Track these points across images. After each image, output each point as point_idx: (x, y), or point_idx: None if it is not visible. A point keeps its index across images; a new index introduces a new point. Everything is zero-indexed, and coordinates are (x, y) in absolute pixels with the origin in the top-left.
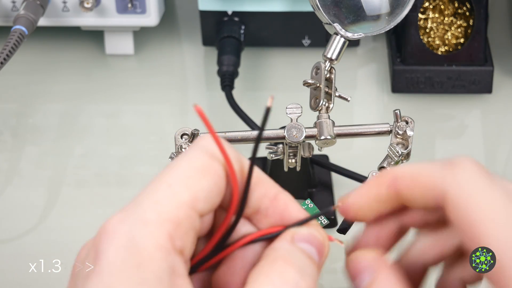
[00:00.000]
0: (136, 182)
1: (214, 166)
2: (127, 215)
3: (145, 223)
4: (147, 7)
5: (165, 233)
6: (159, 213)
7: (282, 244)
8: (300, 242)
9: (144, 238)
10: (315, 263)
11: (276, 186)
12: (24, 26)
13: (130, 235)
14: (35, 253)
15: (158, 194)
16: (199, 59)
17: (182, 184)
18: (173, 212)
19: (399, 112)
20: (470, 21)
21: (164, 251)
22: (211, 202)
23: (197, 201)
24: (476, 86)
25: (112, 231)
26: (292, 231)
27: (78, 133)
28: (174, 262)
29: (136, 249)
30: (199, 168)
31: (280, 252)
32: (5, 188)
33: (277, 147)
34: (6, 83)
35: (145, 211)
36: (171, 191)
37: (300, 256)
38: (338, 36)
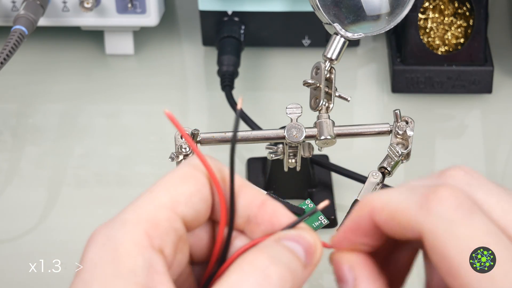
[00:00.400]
0: (136, 182)
1: (195, 174)
2: (110, 220)
3: (123, 223)
4: (147, 7)
5: (141, 231)
6: (137, 213)
7: (267, 242)
8: (285, 240)
9: (121, 236)
10: (299, 260)
11: (262, 193)
12: (24, 26)
13: (109, 234)
14: (35, 253)
15: (139, 199)
16: (199, 59)
17: (162, 189)
18: (151, 212)
19: (399, 112)
20: (470, 21)
21: (140, 247)
22: (194, 207)
23: (177, 203)
24: (476, 86)
25: (94, 234)
26: (277, 234)
27: (78, 133)
28: (152, 258)
29: (113, 246)
30: (180, 176)
31: (263, 250)
32: (5, 188)
33: (277, 147)
34: (6, 83)
35: (124, 213)
36: (151, 195)
37: (280, 249)
38: (338, 36)
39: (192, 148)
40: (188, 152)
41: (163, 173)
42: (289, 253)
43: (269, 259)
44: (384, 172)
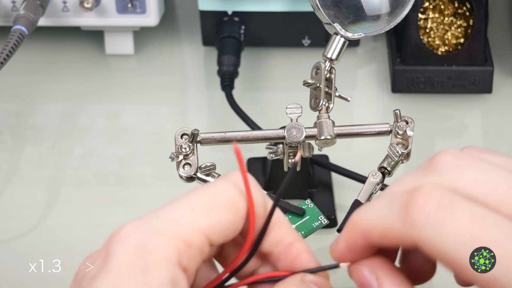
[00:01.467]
0: (136, 182)
1: (238, 203)
2: (142, 223)
3: (158, 233)
4: (147, 7)
5: (174, 248)
6: (174, 229)
7: (292, 279)
8: (310, 283)
9: (154, 246)
10: None
11: (293, 233)
12: (24, 26)
13: (142, 241)
14: (35, 253)
15: (178, 212)
16: (199, 59)
17: (205, 212)
18: (187, 233)
19: (399, 112)
20: (470, 21)
21: (170, 263)
22: (225, 237)
23: (213, 232)
24: (476, 86)
25: (125, 235)
26: (302, 274)
27: (78, 133)
28: (178, 276)
29: (145, 255)
30: (224, 202)
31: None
32: (5, 188)
33: (277, 147)
34: (6, 83)
35: (161, 223)
36: (191, 214)
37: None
38: (338, 36)
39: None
40: (188, 152)
41: (163, 173)
42: None
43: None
44: (384, 172)
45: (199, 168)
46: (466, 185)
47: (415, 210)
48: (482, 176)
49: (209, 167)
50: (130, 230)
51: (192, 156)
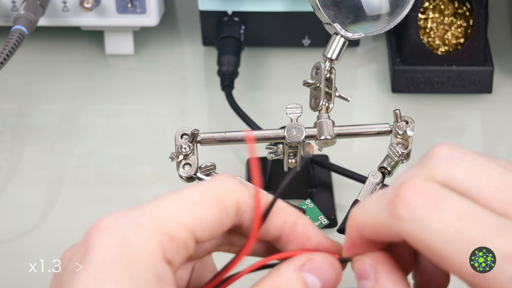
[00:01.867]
0: (136, 182)
1: (225, 199)
2: (123, 216)
3: (140, 227)
4: (147, 7)
5: (158, 241)
6: (157, 222)
7: (287, 270)
8: (306, 272)
9: (136, 240)
10: None
11: (294, 211)
12: (24, 26)
13: (124, 235)
14: (35, 253)
15: (160, 207)
16: (199, 59)
17: (188, 207)
18: (170, 226)
19: (399, 112)
20: (470, 21)
21: (155, 257)
22: (210, 233)
23: (197, 227)
24: (476, 86)
25: (105, 228)
26: (307, 257)
27: (78, 133)
28: (164, 270)
29: (128, 249)
30: (208, 197)
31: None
32: (5, 188)
33: (277, 147)
34: (6, 83)
35: (142, 217)
36: (174, 208)
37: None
38: (338, 36)
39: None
40: (188, 152)
41: (163, 173)
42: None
43: None
44: (384, 172)
45: (199, 168)
46: (460, 176)
47: (401, 205)
48: (476, 168)
49: (209, 167)
50: (110, 223)
51: (192, 156)
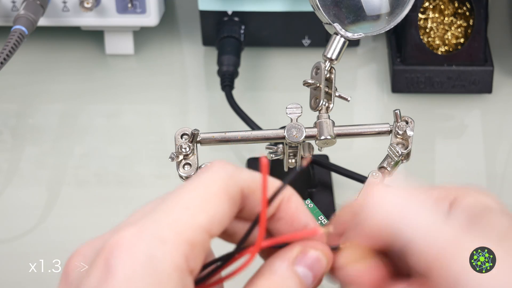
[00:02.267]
0: (136, 182)
1: (230, 189)
2: (143, 230)
3: (163, 242)
4: (147, 7)
5: (182, 254)
6: (177, 233)
7: (281, 266)
8: (300, 266)
9: (162, 257)
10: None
11: (288, 188)
12: (24, 26)
13: (148, 253)
14: (35, 253)
15: (175, 214)
16: (199, 59)
17: (200, 208)
18: (190, 234)
19: (399, 112)
20: (470, 21)
21: (180, 272)
22: (223, 226)
23: (212, 225)
24: (476, 86)
25: (128, 246)
26: (299, 250)
27: (78, 133)
28: (187, 282)
29: (155, 268)
30: (216, 192)
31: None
32: (5, 188)
33: (277, 147)
34: (6, 83)
35: (163, 229)
36: (189, 213)
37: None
38: (338, 36)
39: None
40: (188, 152)
41: (163, 173)
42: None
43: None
44: (384, 172)
45: (199, 168)
46: None
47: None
48: None
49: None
50: (132, 240)
51: (192, 156)
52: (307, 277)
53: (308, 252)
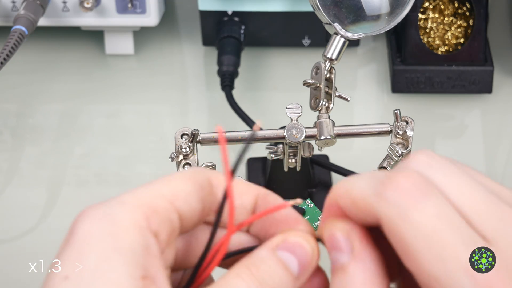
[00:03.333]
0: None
1: (197, 176)
2: (104, 201)
3: (122, 203)
4: (147, 7)
5: (141, 213)
6: (137, 198)
7: (261, 251)
8: (281, 251)
9: (119, 213)
10: (292, 275)
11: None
12: (24, 26)
13: (106, 211)
14: (35, 253)
15: (138, 188)
16: (199, 59)
17: (163, 182)
18: (150, 199)
19: (399, 112)
20: (470, 21)
21: (140, 228)
22: (190, 205)
23: (176, 198)
24: (476, 86)
25: (86, 211)
26: (281, 238)
27: (78, 133)
28: (149, 241)
29: (112, 221)
30: (182, 176)
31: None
32: (5, 188)
33: (277, 147)
34: (6, 83)
35: (122, 197)
36: (150, 186)
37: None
38: (338, 36)
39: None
40: (188, 152)
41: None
42: (282, 270)
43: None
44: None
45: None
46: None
47: (391, 187)
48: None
49: (209, 167)
50: (91, 207)
51: (192, 156)
52: (291, 261)
53: (289, 239)
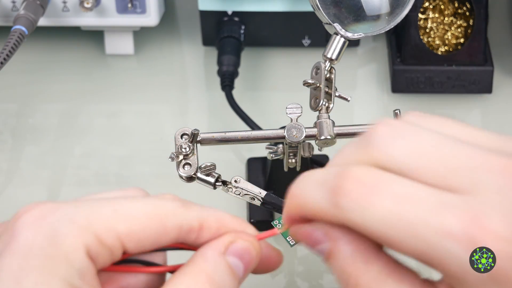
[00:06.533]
0: (136, 182)
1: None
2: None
3: (72, 222)
4: (147, 7)
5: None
6: (89, 223)
7: (212, 253)
8: (231, 255)
9: (66, 235)
10: (237, 279)
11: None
12: (24, 26)
13: (53, 226)
14: None
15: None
16: (199, 59)
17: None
18: (102, 230)
19: (399, 112)
20: (470, 21)
21: (79, 253)
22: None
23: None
24: (476, 86)
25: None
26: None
27: (78, 133)
28: (86, 265)
29: (55, 241)
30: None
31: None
32: (5, 188)
33: (277, 147)
34: (6, 83)
35: (77, 214)
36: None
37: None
38: (338, 36)
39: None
40: (188, 152)
41: (163, 173)
42: (230, 276)
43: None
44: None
45: (199, 168)
46: (398, 157)
47: (342, 196)
48: (413, 146)
49: (209, 167)
50: (44, 211)
51: (192, 156)
52: (238, 267)
53: (238, 243)
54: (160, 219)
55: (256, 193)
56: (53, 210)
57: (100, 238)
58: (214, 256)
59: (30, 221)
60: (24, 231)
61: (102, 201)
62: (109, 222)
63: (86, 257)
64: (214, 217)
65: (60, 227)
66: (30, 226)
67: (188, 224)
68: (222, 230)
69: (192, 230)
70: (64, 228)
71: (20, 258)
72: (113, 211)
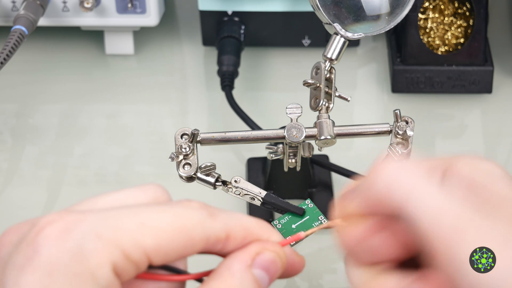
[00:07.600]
0: (136, 182)
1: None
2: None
3: (98, 237)
4: (147, 7)
5: (111, 256)
6: (117, 237)
7: (239, 267)
8: (257, 268)
9: (91, 250)
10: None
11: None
12: (24, 26)
13: (78, 242)
14: None
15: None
16: (199, 59)
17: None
18: (129, 246)
19: (399, 112)
20: (470, 21)
21: (105, 271)
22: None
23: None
24: (476, 86)
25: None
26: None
27: (78, 133)
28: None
29: (80, 259)
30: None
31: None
32: (5, 188)
33: (277, 147)
34: (6, 83)
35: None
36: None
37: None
38: (338, 36)
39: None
40: (188, 152)
41: (163, 173)
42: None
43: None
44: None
45: (199, 168)
46: None
47: None
48: None
49: (209, 167)
50: (68, 224)
51: (192, 156)
52: (264, 279)
53: (264, 254)
54: (187, 231)
55: (256, 193)
56: (78, 222)
57: (127, 254)
58: (241, 271)
59: (54, 235)
60: (48, 246)
61: (128, 212)
62: (136, 237)
63: (112, 274)
64: (241, 225)
65: (85, 243)
66: (54, 241)
67: (215, 235)
68: (248, 238)
69: (219, 241)
70: (90, 243)
71: (44, 275)
72: (140, 224)
